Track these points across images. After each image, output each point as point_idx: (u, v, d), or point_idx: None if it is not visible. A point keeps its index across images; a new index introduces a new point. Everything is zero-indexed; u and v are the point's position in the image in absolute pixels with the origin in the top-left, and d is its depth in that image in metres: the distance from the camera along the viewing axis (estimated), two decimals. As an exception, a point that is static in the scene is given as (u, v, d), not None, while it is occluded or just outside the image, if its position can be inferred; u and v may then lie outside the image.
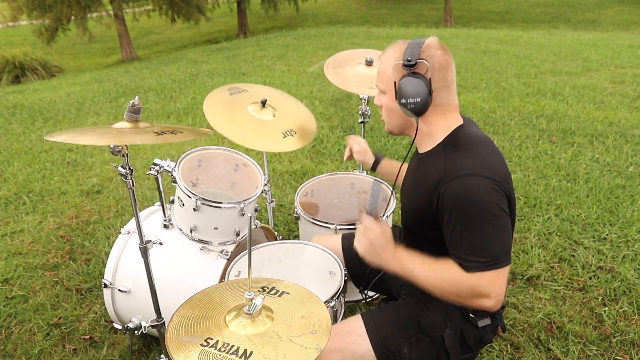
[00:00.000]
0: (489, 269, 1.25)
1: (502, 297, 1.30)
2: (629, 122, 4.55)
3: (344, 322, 1.53)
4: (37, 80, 11.16)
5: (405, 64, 1.34)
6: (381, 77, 1.44)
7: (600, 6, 20.38)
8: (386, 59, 1.42)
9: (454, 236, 1.29)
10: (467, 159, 1.30)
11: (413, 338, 1.46)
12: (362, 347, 1.45)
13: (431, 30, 12.35)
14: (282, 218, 3.19)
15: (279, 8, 19.28)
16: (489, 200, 1.25)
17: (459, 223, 1.27)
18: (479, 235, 1.25)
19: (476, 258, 1.25)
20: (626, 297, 2.39)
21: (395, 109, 1.42)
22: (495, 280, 1.26)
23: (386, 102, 1.46)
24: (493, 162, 1.31)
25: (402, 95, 1.35)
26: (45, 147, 4.73)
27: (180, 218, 1.97)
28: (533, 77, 6.51)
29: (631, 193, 3.28)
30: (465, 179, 1.26)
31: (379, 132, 4.50)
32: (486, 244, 1.25)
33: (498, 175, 1.28)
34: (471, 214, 1.25)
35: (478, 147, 1.35)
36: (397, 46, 1.40)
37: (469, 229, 1.26)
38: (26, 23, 15.96)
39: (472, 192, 1.25)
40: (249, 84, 2.25)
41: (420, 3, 23.52)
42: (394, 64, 1.38)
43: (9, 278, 2.72)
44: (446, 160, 1.33)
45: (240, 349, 1.08)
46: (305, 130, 2.13)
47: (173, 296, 1.75)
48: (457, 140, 1.38)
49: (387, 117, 1.50)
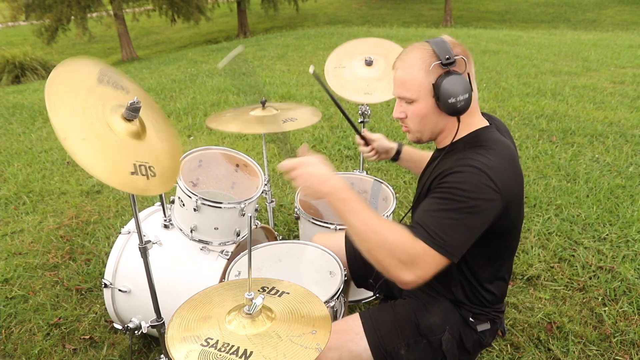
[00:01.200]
0: (435, 248, 1.20)
1: (422, 281, 1.23)
2: (629, 122, 4.55)
3: (342, 320, 1.53)
4: (37, 80, 11.15)
5: (444, 63, 1.28)
6: (409, 85, 1.34)
7: (600, 6, 20.38)
8: (410, 65, 1.33)
9: (425, 205, 1.28)
10: (483, 156, 1.27)
11: (411, 339, 1.45)
12: (359, 346, 1.45)
13: (431, 30, 12.35)
14: (282, 218, 3.19)
15: (279, 8, 19.28)
16: (476, 196, 1.22)
17: (436, 198, 1.26)
18: (446, 217, 1.23)
19: (432, 233, 1.21)
20: (626, 297, 2.39)
21: (431, 113, 1.35)
22: (431, 260, 1.21)
23: (418, 109, 1.36)
24: (503, 168, 1.27)
25: (448, 94, 1.28)
26: (45, 147, 4.73)
27: (181, 218, 1.97)
28: (533, 77, 6.51)
29: (631, 193, 3.28)
30: (467, 169, 1.25)
31: (378, 131, 4.49)
32: (447, 228, 1.22)
33: (500, 181, 1.24)
34: (452, 198, 1.23)
35: (498, 150, 1.31)
36: (419, 50, 1.33)
37: (442, 207, 1.24)
38: (26, 23, 15.94)
39: (466, 181, 1.23)
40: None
41: (420, 3, 23.51)
42: (429, 65, 1.30)
43: (9, 278, 2.72)
44: (460, 155, 1.31)
45: (240, 349, 1.08)
46: (308, 116, 2.16)
47: (173, 296, 1.75)
48: (479, 138, 1.36)
49: (418, 125, 1.40)
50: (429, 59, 1.31)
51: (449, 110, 1.31)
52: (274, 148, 4.25)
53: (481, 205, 1.22)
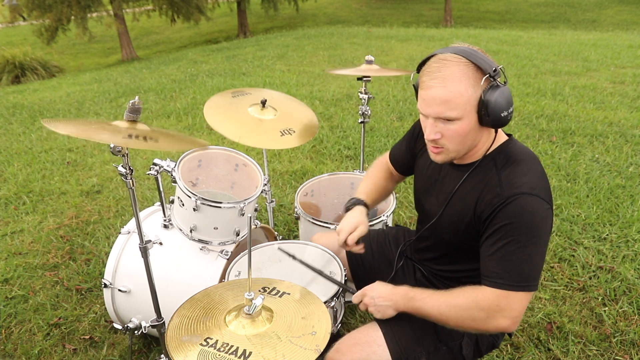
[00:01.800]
0: (517, 289, 1.23)
1: (520, 320, 1.28)
2: (629, 122, 4.55)
3: (362, 332, 1.51)
4: (37, 80, 11.16)
5: (492, 75, 1.22)
6: (454, 103, 1.23)
7: (600, 6, 20.37)
8: (452, 82, 1.22)
9: (494, 252, 1.26)
10: (524, 176, 1.25)
11: (431, 347, 1.46)
12: (382, 358, 1.44)
13: (431, 30, 12.35)
14: (282, 218, 3.19)
15: (279, 8, 19.26)
16: (543, 225, 1.23)
17: (503, 240, 1.24)
18: (520, 256, 1.22)
19: (508, 277, 1.23)
20: (626, 297, 2.39)
21: (473, 130, 1.28)
22: (518, 302, 1.25)
23: (461, 128, 1.26)
24: (542, 180, 1.27)
25: (500, 109, 1.21)
26: (45, 147, 4.73)
27: (180, 218, 1.97)
28: (533, 77, 6.51)
29: (631, 193, 3.28)
30: (524, 198, 1.22)
31: (378, 132, 4.50)
32: (523, 266, 1.23)
33: (546, 194, 1.25)
34: (520, 235, 1.22)
35: (531, 163, 1.30)
36: (456, 64, 1.23)
37: (512, 248, 1.23)
38: (26, 23, 15.95)
39: (528, 213, 1.22)
40: (253, 88, 2.24)
41: (420, 3, 23.50)
42: (477, 80, 1.22)
43: (9, 278, 2.72)
44: (501, 175, 1.28)
45: (240, 349, 1.08)
46: (306, 130, 2.13)
47: (173, 296, 1.75)
48: (509, 154, 1.32)
49: (457, 144, 1.30)
50: (473, 74, 1.22)
51: (497, 124, 1.25)
52: (274, 150, 4.25)
53: (545, 227, 1.24)
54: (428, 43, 9.77)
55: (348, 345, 1.46)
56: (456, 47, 1.26)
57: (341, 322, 1.70)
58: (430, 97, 1.25)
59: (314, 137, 4.42)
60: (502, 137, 1.38)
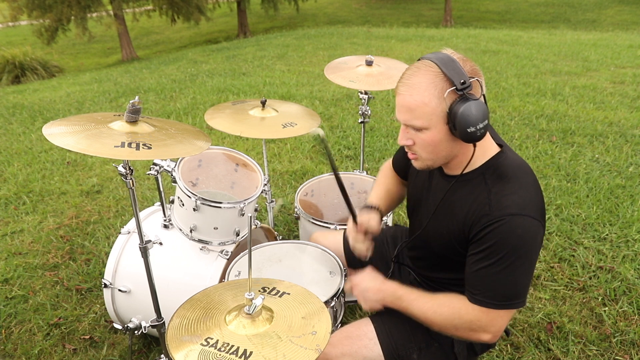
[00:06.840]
0: (499, 308, 1.24)
1: (500, 333, 1.30)
2: (629, 122, 4.55)
3: (355, 325, 1.52)
4: (37, 80, 11.15)
5: (459, 88, 1.15)
6: (418, 112, 1.20)
7: (600, 6, 20.37)
8: (418, 91, 1.19)
9: (479, 269, 1.25)
10: (514, 194, 1.22)
11: (422, 344, 1.46)
12: (373, 352, 1.45)
13: (431, 30, 12.34)
14: (282, 218, 3.19)
15: (279, 8, 19.25)
16: (532, 243, 1.21)
17: (489, 259, 1.22)
18: (505, 277, 1.22)
19: (491, 297, 1.24)
20: (626, 297, 2.39)
21: (444, 141, 1.24)
22: (499, 318, 1.26)
23: (429, 137, 1.23)
24: (533, 197, 1.24)
25: (466, 124, 1.15)
26: (45, 147, 4.73)
27: (180, 218, 1.97)
28: (533, 77, 6.51)
29: (631, 193, 3.28)
30: (513, 219, 1.19)
31: (378, 132, 4.50)
32: (508, 286, 1.23)
33: (537, 212, 1.22)
34: (507, 256, 1.20)
35: (522, 179, 1.26)
36: (426, 72, 1.19)
37: (498, 269, 1.22)
38: (26, 23, 15.96)
39: (516, 236, 1.19)
40: (253, 99, 2.33)
41: (420, 3, 23.50)
42: (442, 92, 1.17)
43: (9, 278, 2.72)
44: (490, 193, 1.24)
45: (240, 349, 1.08)
46: (307, 122, 2.17)
47: (173, 296, 1.75)
48: (500, 169, 1.27)
49: (429, 153, 1.28)
50: (440, 84, 1.17)
51: (466, 139, 1.20)
52: (274, 148, 4.25)
53: (534, 245, 1.23)
54: (428, 43, 9.76)
55: (340, 339, 1.47)
56: (438, 54, 1.21)
57: (341, 322, 1.70)
58: (399, 104, 1.25)
59: (313, 139, 4.42)
60: (492, 148, 1.31)
